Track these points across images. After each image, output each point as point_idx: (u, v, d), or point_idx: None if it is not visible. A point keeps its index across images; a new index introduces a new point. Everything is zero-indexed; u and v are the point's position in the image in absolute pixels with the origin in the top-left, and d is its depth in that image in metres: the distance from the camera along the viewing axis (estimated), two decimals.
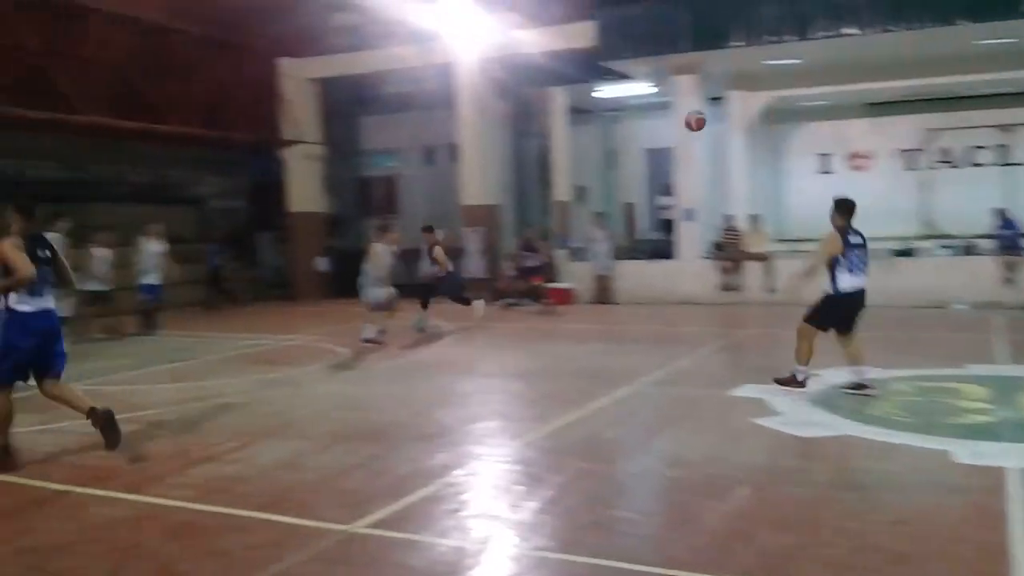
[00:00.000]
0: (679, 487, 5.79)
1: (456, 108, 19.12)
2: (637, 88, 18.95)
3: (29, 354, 6.59)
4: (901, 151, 20.10)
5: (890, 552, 4.48)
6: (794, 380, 8.16)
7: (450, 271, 13.97)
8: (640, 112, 21.13)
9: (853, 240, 7.97)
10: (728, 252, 16.93)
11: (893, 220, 18.78)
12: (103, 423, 6.72)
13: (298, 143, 21.11)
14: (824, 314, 8.04)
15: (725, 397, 8.27)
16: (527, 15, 17.49)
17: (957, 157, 19.70)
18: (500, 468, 6.40)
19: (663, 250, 18.18)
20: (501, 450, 6.86)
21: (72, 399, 6.87)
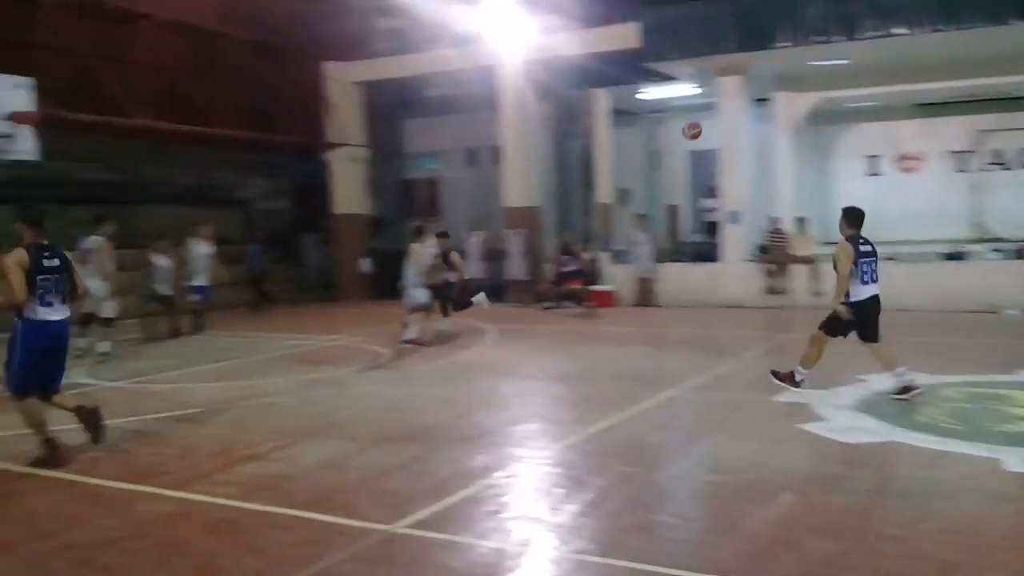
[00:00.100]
0: (721, 492, 5.73)
1: (499, 110, 19.15)
2: (681, 89, 18.78)
3: (40, 358, 6.72)
4: (951, 153, 19.70)
5: (938, 561, 4.40)
6: (792, 378, 8.32)
7: (465, 279, 13.81)
8: (684, 113, 20.90)
9: (863, 248, 7.99)
10: (773, 255, 16.70)
11: (943, 223, 18.54)
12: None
13: (342, 146, 21.32)
14: (838, 323, 8.03)
15: (769, 402, 8.16)
16: (570, 17, 17.45)
17: (1009, 159, 19.27)
18: (541, 470, 6.40)
19: (707, 253, 17.99)
20: (542, 452, 6.86)
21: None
